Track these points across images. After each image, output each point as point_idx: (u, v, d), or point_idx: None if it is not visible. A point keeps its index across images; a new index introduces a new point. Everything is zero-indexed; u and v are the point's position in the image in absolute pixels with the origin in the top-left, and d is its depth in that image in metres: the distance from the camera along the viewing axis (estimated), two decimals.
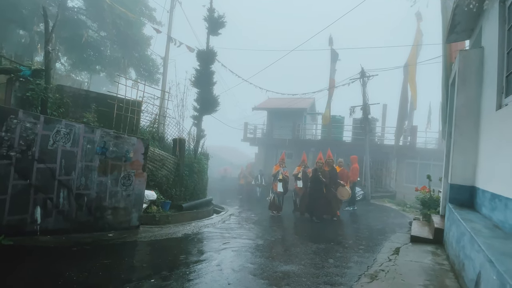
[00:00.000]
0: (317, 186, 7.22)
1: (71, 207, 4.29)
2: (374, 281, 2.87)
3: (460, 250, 2.97)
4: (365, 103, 13.23)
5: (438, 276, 3.05)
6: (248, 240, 4.56)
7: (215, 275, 2.95)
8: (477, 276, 2.23)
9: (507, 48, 3.19)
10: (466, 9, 3.85)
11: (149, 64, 16.10)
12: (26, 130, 3.86)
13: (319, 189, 7.17)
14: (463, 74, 4.13)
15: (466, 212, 3.51)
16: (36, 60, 9.25)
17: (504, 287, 1.69)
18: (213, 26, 10.27)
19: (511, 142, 2.70)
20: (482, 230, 2.71)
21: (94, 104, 6.88)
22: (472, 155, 3.94)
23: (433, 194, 6.51)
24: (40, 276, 2.70)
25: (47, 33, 5.59)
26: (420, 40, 13.54)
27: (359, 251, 4.07)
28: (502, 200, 2.79)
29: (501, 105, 3.16)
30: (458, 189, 4.03)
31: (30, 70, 5.39)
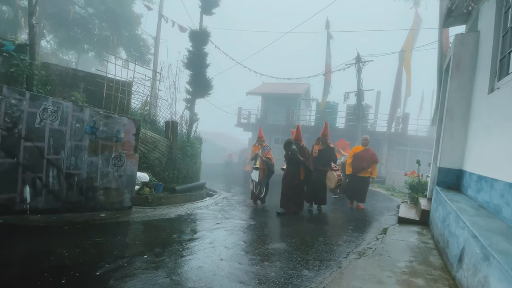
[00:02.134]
0: (293, 169, 5.53)
1: (61, 186, 4.23)
2: (362, 258, 2.97)
3: (445, 229, 3.08)
4: (360, 89, 13.23)
5: (422, 253, 3.17)
6: (241, 220, 4.62)
7: (208, 252, 3.00)
8: (461, 251, 2.32)
9: (502, 32, 3.18)
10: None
11: (140, 44, 15.56)
12: (11, 107, 3.72)
13: (294, 173, 5.48)
14: (457, 58, 4.13)
15: (452, 194, 3.62)
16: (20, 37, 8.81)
17: (487, 259, 1.76)
18: (207, 4, 9.90)
19: (500, 125, 2.75)
20: (467, 209, 2.80)
21: (83, 84, 6.66)
22: (461, 139, 4.01)
23: (421, 179, 6.69)
24: (31, 253, 2.69)
25: (31, 5, 5.29)
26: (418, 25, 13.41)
27: (348, 231, 4.19)
28: (488, 182, 2.88)
29: (493, 89, 3.19)
30: (446, 172, 4.14)
31: (14, 44, 5.13)
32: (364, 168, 6.26)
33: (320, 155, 6.01)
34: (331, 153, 6.04)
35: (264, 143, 6.39)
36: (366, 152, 6.39)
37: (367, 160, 6.29)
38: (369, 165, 6.29)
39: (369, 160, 6.29)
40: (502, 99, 2.83)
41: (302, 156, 5.47)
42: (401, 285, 2.33)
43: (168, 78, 9.63)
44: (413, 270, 2.67)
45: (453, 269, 2.50)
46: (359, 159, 6.33)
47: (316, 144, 6.14)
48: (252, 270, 2.56)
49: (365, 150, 6.42)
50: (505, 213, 2.40)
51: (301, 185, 5.57)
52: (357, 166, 6.31)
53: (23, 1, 11.44)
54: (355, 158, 6.38)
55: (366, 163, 6.28)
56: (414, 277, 2.51)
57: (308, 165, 5.49)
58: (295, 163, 5.48)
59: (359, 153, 6.42)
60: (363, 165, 6.26)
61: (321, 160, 5.96)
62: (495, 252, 1.71)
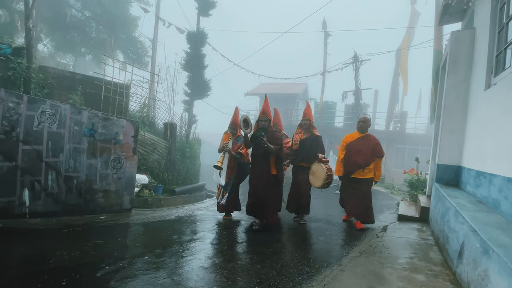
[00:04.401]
0: (259, 162, 4.00)
1: (60, 189, 4.21)
2: (363, 255, 2.98)
3: (444, 225, 3.09)
4: (357, 88, 13.27)
5: (422, 249, 3.18)
6: (241, 220, 4.62)
7: (208, 252, 3.00)
8: (461, 246, 2.33)
9: (498, 28, 3.20)
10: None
11: (137, 47, 15.57)
12: (9, 110, 3.71)
13: (263, 168, 3.95)
14: (454, 55, 4.15)
15: (451, 190, 3.63)
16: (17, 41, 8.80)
17: (487, 252, 1.77)
18: (204, 6, 9.92)
19: (498, 120, 2.77)
20: (466, 205, 2.82)
21: (80, 86, 6.65)
22: (459, 135, 4.03)
23: (420, 176, 6.71)
24: (31, 256, 2.67)
25: (27, 9, 5.29)
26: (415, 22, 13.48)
27: (348, 229, 4.19)
28: (486, 177, 2.89)
29: (489, 85, 3.21)
30: (444, 169, 4.15)
31: (11, 48, 5.12)
32: (360, 165, 4.09)
33: (303, 146, 4.27)
34: (317, 144, 4.26)
35: (240, 132, 4.51)
36: (365, 140, 4.19)
37: (366, 153, 4.10)
38: (369, 161, 4.09)
39: (369, 153, 4.09)
40: (499, 95, 2.85)
41: (271, 143, 3.87)
42: (402, 281, 2.34)
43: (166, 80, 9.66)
44: (413, 266, 2.68)
45: (453, 264, 2.50)
46: (354, 151, 4.17)
47: (298, 133, 4.46)
48: (253, 269, 2.56)
49: (363, 137, 4.22)
50: (504, 208, 2.41)
51: (273, 185, 3.97)
52: (351, 163, 4.16)
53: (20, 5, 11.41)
54: (349, 151, 4.23)
55: (364, 158, 4.09)
56: (414, 273, 2.52)
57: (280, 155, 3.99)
58: (262, 155, 3.89)
59: (354, 142, 4.23)
60: (359, 161, 4.09)
61: (304, 153, 4.25)
62: (494, 246, 1.71)
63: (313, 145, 4.31)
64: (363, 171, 4.14)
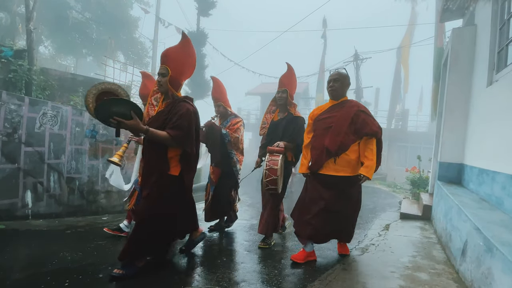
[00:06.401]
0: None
1: (63, 191, 4.23)
2: (365, 254, 2.97)
3: (447, 223, 3.08)
4: (358, 87, 13.24)
5: (425, 248, 3.17)
6: (243, 220, 4.62)
7: (210, 251, 3.00)
8: (464, 244, 2.32)
9: (499, 24, 3.18)
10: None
11: (138, 47, 15.61)
12: (10, 112, 3.73)
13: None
14: (455, 53, 4.13)
15: (454, 188, 3.62)
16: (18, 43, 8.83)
17: (490, 250, 1.76)
18: (203, 6, 9.93)
19: (500, 117, 2.75)
20: (469, 202, 2.80)
21: (82, 88, 6.68)
22: (461, 133, 4.01)
23: (422, 174, 6.69)
24: (34, 257, 2.69)
25: (28, 11, 5.31)
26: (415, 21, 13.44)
27: None
28: (489, 175, 2.87)
29: (491, 82, 3.19)
30: (447, 167, 4.14)
31: (12, 50, 5.14)
32: (328, 152, 2.48)
33: (274, 132, 3.05)
34: (294, 128, 2.96)
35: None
36: (339, 110, 2.58)
37: (338, 131, 2.50)
38: (345, 143, 2.47)
39: (344, 129, 2.48)
40: (501, 92, 2.83)
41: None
42: (404, 280, 2.33)
43: None
44: (416, 265, 2.67)
45: (456, 263, 2.49)
46: (321, 130, 2.61)
47: (269, 112, 3.22)
48: (255, 269, 2.56)
49: (336, 106, 2.61)
50: (507, 205, 2.40)
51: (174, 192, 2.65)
52: (316, 150, 2.60)
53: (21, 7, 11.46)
54: (316, 130, 2.67)
55: (334, 139, 2.48)
56: (417, 271, 2.51)
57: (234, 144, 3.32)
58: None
59: (321, 116, 2.67)
60: (326, 145, 2.50)
61: (274, 141, 2.95)
62: (498, 244, 1.70)
63: (287, 130, 2.94)
64: (335, 163, 2.45)
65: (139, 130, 2.06)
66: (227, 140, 3.37)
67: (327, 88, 2.67)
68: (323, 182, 2.58)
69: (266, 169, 2.82)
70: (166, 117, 2.27)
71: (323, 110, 2.73)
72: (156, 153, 2.30)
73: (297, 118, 3.06)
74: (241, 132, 3.46)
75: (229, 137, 3.37)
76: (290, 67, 3.19)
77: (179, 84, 2.40)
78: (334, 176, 2.54)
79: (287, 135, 3.01)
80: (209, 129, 3.33)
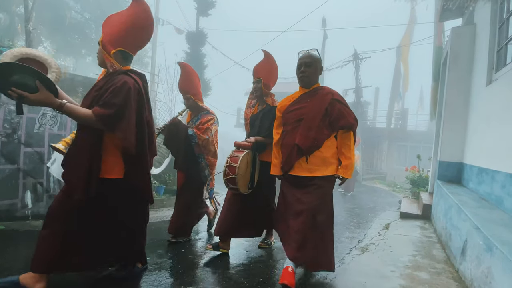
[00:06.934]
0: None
1: None
2: (365, 253, 2.97)
3: (447, 222, 3.08)
4: (358, 86, 13.24)
5: (425, 247, 3.17)
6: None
7: (210, 251, 2.99)
8: (464, 243, 2.32)
9: (499, 23, 3.19)
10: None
11: None
12: (10, 113, 3.72)
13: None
14: (454, 52, 4.13)
15: (453, 187, 3.62)
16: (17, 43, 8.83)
17: (490, 249, 1.76)
18: (203, 6, 9.92)
19: (499, 116, 2.75)
20: (469, 202, 2.81)
21: (81, 88, 6.65)
22: (461, 132, 4.02)
23: (422, 173, 6.69)
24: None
25: (27, 11, 5.30)
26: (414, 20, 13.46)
27: (350, 228, 4.19)
28: (489, 174, 2.88)
29: (491, 81, 3.20)
30: (446, 166, 4.14)
31: None
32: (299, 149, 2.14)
33: (253, 126, 2.79)
34: (272, 119, 2.52)
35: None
36: (310, 100, 2.22)
37: (310, 125, 2.15)
38: (318, 139, 2.12)
39: (316, 123, 2.13)
40: (500, 90, 2.84)
41: None
42: (404, 279, 2.33)
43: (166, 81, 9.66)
44: (416, 264, 2.67)
45: (456, 262, 2.50)
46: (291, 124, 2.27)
47: (249, 106, 2.92)
48: (255, 269, 2.56)
49: (308, 96, 2.26)
50: (507, 204, 2.40)
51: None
52: (286, 148, 2.25)
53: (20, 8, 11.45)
54: (285, 125, 2.33)
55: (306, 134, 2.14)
56: (417, 271, 2.51)
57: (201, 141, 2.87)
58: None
59: (291, 107, 2.31)
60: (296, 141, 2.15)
61: (253, 136, 2.66)
62: (498, 243, 1.70)
63: (264, 123, 2.64)
64: (306, 162, 2.13)
65: (49, 104, 1.61)
66: (194, 142, 2.89)
67: (297, 74, 2.28)
68: (298, 185, 2.21)
69: (226, 166, 2.51)
70: (97, 93, 1.80)
71: (293, 100, 2.34)
72: (85, 144, 1.73)
73: (274, 109, 2.63)
74: (212, 132, 2.97)
75: (196, 139, 2.88)
76: (267, 54, 2.82)
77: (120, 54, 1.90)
78: (308, 178, 2.16)
79: (264, 129, 2.66)
80: (172, 128, 2.81)
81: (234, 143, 2.65)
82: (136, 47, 2.02)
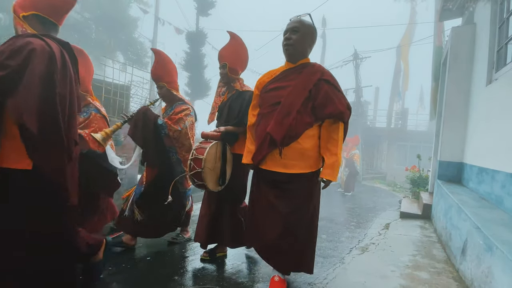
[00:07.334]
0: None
1: None
2: (365, 253, 2.97)
3: (447, 222, 3.08)
4: (358, 86, 13.25)
5: (425, 247, 3.17)
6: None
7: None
8: (464, 243, 2.32)
9: (499, 23, 3.18)
10: None
11: (137, 47, 15.57)
12: None
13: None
14: (454, 51, 4.13)
15: (454, 187, 3.62)
16: None
17: (490, 249, 1.76)
18: (203, 6, 9.92)
19: (500, 115, 2.75)
20: (469, 201, 2.80)
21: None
22: (461, 131, 4.02)
23: (422, 173, 6.69)
24: None
25: None
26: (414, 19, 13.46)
27: (351, 227, 4.19)
28: (489, 173, 2.87)
29: (491, 80, 3.20)
30: (446, 166, 4.14)
31: None
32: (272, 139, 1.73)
33: (221, 115, 2.50)
34: (241, 105, 2.33)
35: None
36: (294, 78, 1.80)
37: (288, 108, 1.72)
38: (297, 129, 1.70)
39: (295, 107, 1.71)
40: (501, 90, 2.84)
41: None
42: (405, 279, 2.33)
43: None
44: (416, 264, 2.67)
45: (456, 262, 2.50)
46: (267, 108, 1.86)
47: (218, 95, 2.64)
48: (255, 269, 2.56)
49: (291, 72, 1.84)
50: (507, 204, 2.40)
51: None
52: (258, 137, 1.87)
53: None
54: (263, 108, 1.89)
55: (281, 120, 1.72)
56: (417, 270, 2.51)
57: None
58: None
59: (270, 85, 1.89)
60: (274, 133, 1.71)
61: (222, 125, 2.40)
62: (498, 242, 1.70)
63: (232, 110, 2.37)
64: (280, 156, 1.74)
65: None
66: (163, 133, 2.54)
67: (282, 43, 1.84)
68: (272, 183, 1.82)
69: (191, 159, 2.17)
70: None
71: (274, 76, 1.88)
72: None
73: (243, 93, 2.37)
74: (187, 124, 2.62)
75: (166, 130, 2.53)
76: (232, 35, 2.50)
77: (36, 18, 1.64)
78: (283, 175, 1.77)
79: (232, 117, 2.37)
80: (140, 117, 2.49)
81: (201, 133, 2.34)
82: (54, 10, 1.68)
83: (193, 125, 2.76)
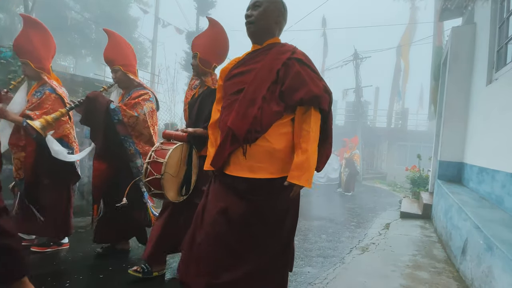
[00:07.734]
0: None
1: None
2: (365, 253, 2.97)
3: (447, 221, 3.08)
4: (358, 86, 13.23)
5: (426, 246, 3.17)
6: None
7: None
8: (464, 243, 2.32)
9: (499, 23, 3.19)
10: None
11: (137, 48, 15.56)
12: None
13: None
14: (455, 51, 4.13)
15: (454, 187, 3.62)
16: None
17: (490, 249, 1.76)
18: (203, 6, 9.93)
19: (500, 115, 2.75)
20: (469, 201, 2.81)
21: (81, 88, 6.65)
22: (461, 131, 4.02)
23: (422, 173, 6.69)
24: (34, 259, 2.69)
25: (27, 11, 5.30)
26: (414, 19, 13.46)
27: (351, 227, 4.19)
28: (489, 173, 2.88)
29: (491, 80, 3.20)
30: (447, 166, 4.14)
31: (11, 51, 5.12)
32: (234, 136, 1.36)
33: (190, 114, 2.18)
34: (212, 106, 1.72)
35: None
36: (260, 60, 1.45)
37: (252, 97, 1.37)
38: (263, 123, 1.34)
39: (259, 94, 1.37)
40: (501, 90, 2.84)
41: None
42: (405, 279, 2.33)
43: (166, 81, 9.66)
44: (416, 263, 2.67)
45: (457, 261, 2.50)
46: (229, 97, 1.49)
47: (190, 88, 2.28)
48: None
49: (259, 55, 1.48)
50: (507, 204, 2.40)
51: None
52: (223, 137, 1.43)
53: (20, 8, 11.46)
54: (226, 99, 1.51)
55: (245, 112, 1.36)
56: (418, 270, 2.51)
57: None
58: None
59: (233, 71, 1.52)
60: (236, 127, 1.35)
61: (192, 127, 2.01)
62: (498, 242, 1.71)
63: (202, 110, 2.07)
64: (245, 156, 1.38)
65: None
66: (116, 119, 2.19)
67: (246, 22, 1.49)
68: (234, 191, 1.40)
69: (147, 162, 1.83)
70: None
71: (238, 61, 1.57)
72: None
73: (215, 91, 1.78)
74: (145, 110, 2.28)
75: (120, 116, 2.18)
76: (213, 23, 2.17)
77: None
78: (247, 181, 1.37)
79: (201, 117, 2.02)
80: (90, 102, 2.17)
81: (163, 133, 1.98)
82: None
83: (154, 113, 2.41)
